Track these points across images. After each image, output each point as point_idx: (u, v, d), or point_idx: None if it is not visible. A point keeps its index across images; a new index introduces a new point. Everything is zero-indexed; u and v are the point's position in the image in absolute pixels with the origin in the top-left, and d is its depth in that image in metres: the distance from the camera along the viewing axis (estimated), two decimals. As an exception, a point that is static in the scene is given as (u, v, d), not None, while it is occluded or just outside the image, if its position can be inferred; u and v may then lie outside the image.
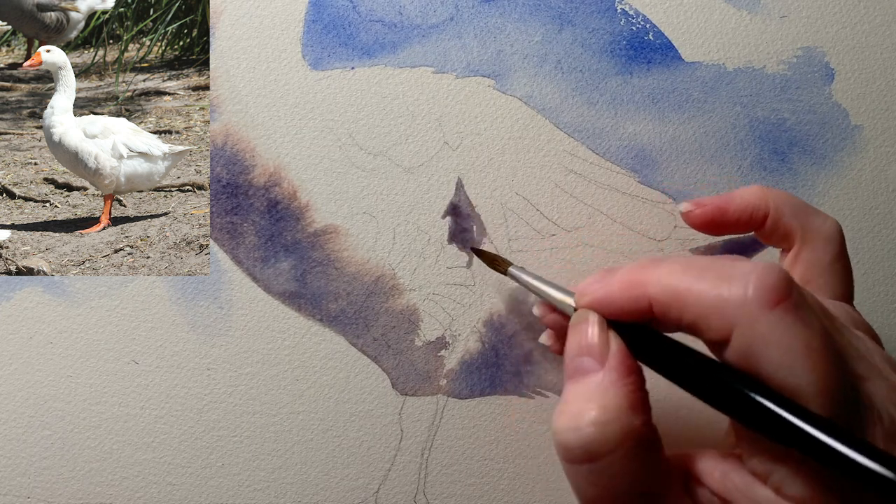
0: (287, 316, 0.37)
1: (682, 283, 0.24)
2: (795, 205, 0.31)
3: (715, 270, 0.24)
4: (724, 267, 0.24)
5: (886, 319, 0.38)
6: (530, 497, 0.37)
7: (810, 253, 0.31)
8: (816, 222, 0.31)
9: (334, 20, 0.38)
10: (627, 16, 0.39)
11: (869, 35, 0.39)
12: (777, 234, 0.31)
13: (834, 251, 0.30)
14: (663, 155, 0.38)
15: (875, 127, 0.39)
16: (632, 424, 0.24)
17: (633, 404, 0.24)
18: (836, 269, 0.30)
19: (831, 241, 0.30)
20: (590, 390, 0.25)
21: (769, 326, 0.22)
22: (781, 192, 0.31)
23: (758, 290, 0.22)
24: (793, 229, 0.31)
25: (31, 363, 0.37)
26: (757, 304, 0.22)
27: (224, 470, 0.37)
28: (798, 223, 0.31)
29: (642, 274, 0.25)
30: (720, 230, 0.32)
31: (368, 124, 0.38)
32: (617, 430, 0.24)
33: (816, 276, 0.30)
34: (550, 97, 0.38)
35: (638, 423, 0.24)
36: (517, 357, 0.37)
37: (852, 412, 0.22)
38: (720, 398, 0.23)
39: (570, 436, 0.24)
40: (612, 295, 0.26)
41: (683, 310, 0.24)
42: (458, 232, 0.38)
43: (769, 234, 0.32)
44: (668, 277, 0.24)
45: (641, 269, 0.25)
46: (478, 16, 0.38)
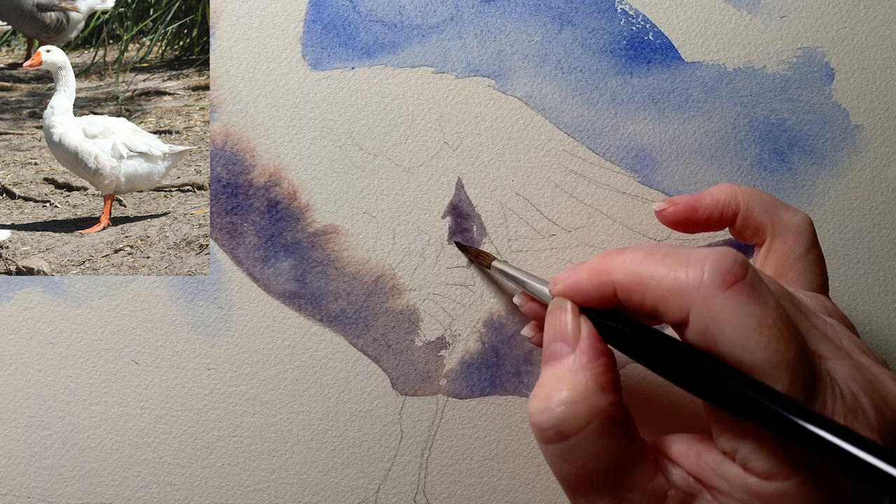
0: (287, 316, 0.37)
1: (642, 268, 0.25)
2: (765, 200, 0.32)
3: (673, 256, 0.25)
4: (682, 252, 0.25)
5: (886, 319, 0.38)
6: (530, 497, 0.37)
7: (782, 246, 0.31)
8: (786, 216, 0.32)
9: (334, 20, 0.38)
10: (627, 16, 0.39)
11: (869, 35, 0.39)
12: (748, 230, 0.32)
13: (805, 243, 0.31)
14: (663, 155, 0.38)
15: (875, 127, 0.39)
16: (600, 404, 0.25)
17: (602, 385, 0.26)
18: (809, 260, 0.31)
19: (801, 234, 0.31)
20: (561, 372, 0.26)
21: (724, 306, 0.23)
22: (750, 189, 0.32)
23: (713, 272, 0.24)
24: (763, 224, 0.32)
25: (31, 363, 0.37)
26: (712, 285, 0.23)
27: (224, 470, 0.37)
28: (768, 217, 0.32)
29: (607, 261, 0.26)
30: (693, 228, 0.34)
31: (368, 124, 0.38)
32: (585, 409, 0.25)
33: (789, 268, 0.31)
34: (550, 97, 0.38)
35: (606, 403, 0.25)
36: (517, 357, 0.37)
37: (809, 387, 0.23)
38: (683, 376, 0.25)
39: (542, 416, 0.25)
40: (580, 283, 0.27)
41: (644, 294, 0.25)
42: (458, 232, 0.38)
43: (741, 230, 0.33)
44: (630, 264, 0.26)
45: (606, 256, 0.27)
46: (478, 16, 0.38)
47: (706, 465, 0.25)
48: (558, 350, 0.27)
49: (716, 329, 0.23)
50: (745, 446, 0.24)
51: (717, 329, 0.23)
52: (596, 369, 0.26)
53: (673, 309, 0.24)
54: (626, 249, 0.26)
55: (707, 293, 0.23)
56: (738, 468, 0.24)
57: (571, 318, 0.27)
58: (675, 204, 0.33)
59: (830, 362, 0.24)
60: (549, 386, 0.26)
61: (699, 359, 0.24)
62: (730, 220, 0.32)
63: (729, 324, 0.23)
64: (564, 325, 0.27)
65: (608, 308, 0.27)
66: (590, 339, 0.27)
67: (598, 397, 0.25)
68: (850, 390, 0.24)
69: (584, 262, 0.28)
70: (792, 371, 0.23)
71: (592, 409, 0.25)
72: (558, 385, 0.26)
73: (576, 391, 0.25)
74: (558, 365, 0.27)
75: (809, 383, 0.23)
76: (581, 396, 0.25)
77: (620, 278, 0.26)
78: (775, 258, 0.32)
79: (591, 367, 0.26)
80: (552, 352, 0.27)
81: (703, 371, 0.24)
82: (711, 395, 0.24)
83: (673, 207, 0.33)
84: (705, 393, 0.24)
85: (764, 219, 0.32)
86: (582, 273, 0.27)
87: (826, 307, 0.29)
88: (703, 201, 0.32)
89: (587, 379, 0.26)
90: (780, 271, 0.32)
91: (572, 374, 0.26)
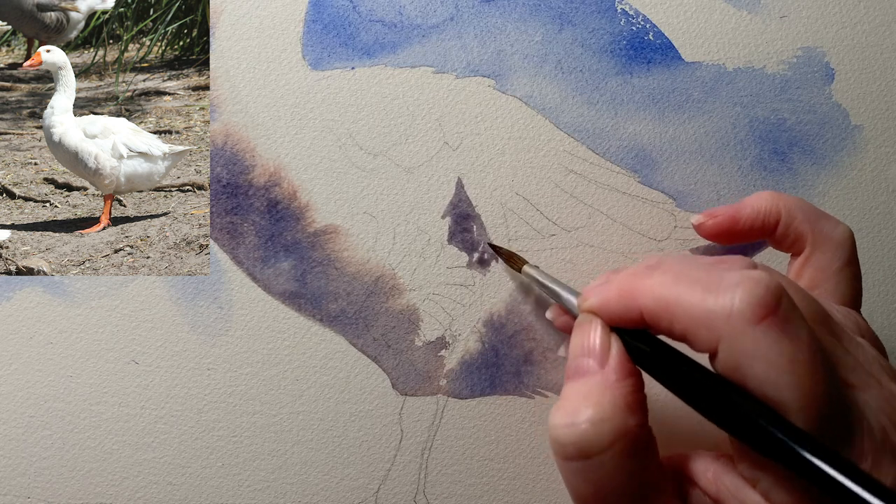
0: (287, 316, 0.37)
1: (671, 294, 0.24)
2: (807, 209, 0.31)
3: (703, 282, 0.24)
4: (713, 277, 0.24)
5: (887, 320, 0.38)
6: (530, 497, 0.37)
7: (820, 257, 0.30)
8: (828, 227, 0.31)
9: (334, 20, 0.38)
10: (627, 16, 0.39)
11: (869, 35, 0.39)
12: (788, 239, 0.31)
13: (845, 256, 0.30)
14: (663, 155, 0.38)
15: (875, 127, 0.39)
16: (626, 424, 0.24)
17: (630, 405, 0.25)
18: (846, 274, 0.30)
19: (842, 247, 0.30)
20: (588, 389, 0.25)
21: (754, 341, 0.22)
22: (792, 197, 0.31)
23: (744, 303, 0.23)
24: (804, 234, 0.31)
25: (31, 363, 0.37)
26: (742, 318, 0.23)
27: (224, 470, 0.37)
28: (810, 227, 0.31)
29: (635, 283, 0.26)
30: (733, 239, 0.32)
31: (368, 124, 0.38)
32: (611, 428, 0.24)
33: (825, 280, 0.30)
34: (550, 97, 0.38)
35: (633, 424, 0.24)
36: (517, 357, 0.37)
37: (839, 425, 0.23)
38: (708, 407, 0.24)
39: (566, 432, 0.25)
40: (609, 302, 0.26)
41: (673, 321, 0.24)
42: (458, 232, 0.38)
43: (780, 239, 0.31)
44: (658, 288, 0.25)
45: (635, 277, 0.26)
46: (478, 16, 0.38)
47: (724, 488, 0.25)
48: (585, 366, 0.26)
49: (745, 364, 0.23)
50: (767, 479, 0.23)
51: (746, 364, 0.23)
52: (624, 389, 0.25)
53: (702, 339, 0.24)
54: (654, 269, 0.25)
55: (737, 327, 0.23)
56: (759, 497, 0.24)
57: (601, 335, 0.26)
58: (714, 216, 0.32)
59: (861, 393, 0.24)
60: (574, 401, 0.25)
61: (726, 391, 0.23)
62: (770, 229, 0.31)
63: (759, 360, 0.22)
64: (593, 342, 0.26)
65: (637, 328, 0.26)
66: (619, 358, 0.26)
67: (624, 417, 0.24)
68: (880, 424, 0.23)
69: (615, 277, 0.27)
70: (822, 411, 0.22)
71: (618, 430, 0.24)
72: (584, 402, 0.25)
73: (602, 410, 0.24)
74: (584, 381, 0.26)
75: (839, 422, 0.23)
76: (608, 415, 0.24)
77: (648, 303, 0.25)
78: (812, 269, 0.31)
79: (620, 387, 0.25)
80: (578, 367, 0.26)
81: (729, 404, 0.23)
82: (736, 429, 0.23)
83: (713, 220, 0.32)
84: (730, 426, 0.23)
85: (805, 228, 0.31)
86: (611, 292, 0.26)
87: (858, 325, 0.28)
88: (744, 211, 0.31)
89: (615, 398, 0.25)
90: (815, 283, 0.31)
91: (600, 392, 0.25)
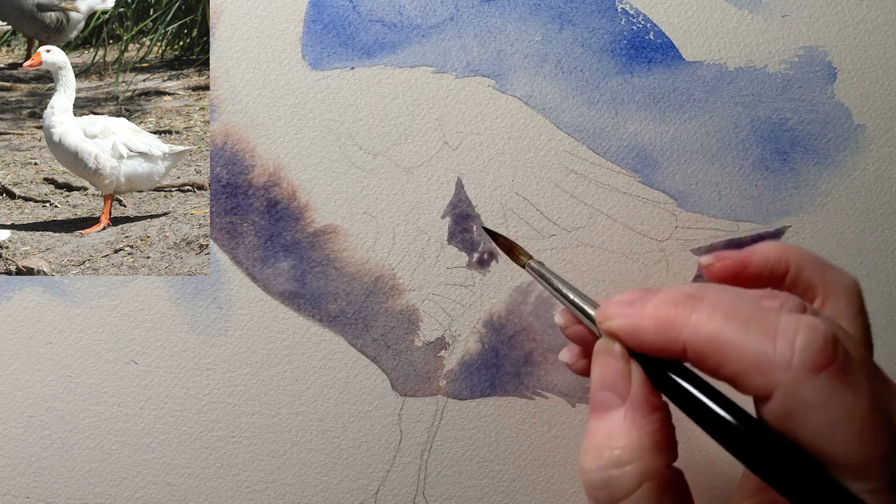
0: (287, 316, 0.37)
1: (722, 333, 0.23)
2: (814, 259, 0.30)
3: (758, 324, 0.23)
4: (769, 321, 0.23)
5: (888, 320, 0.38)
6: (530, 498, 0.37)
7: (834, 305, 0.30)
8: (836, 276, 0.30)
9: (334, 20, 0.38)
10: (628, 15, 0.38)
11: (871, 34, 0.39)
12: (798, 290, 0.30)
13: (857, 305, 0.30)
14: (664, 155, 0.38)
15: (878, 126, 0.39)
16: (654, 466, 0.23)
17: (657, 444, 0.24)
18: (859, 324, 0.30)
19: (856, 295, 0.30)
20: (611, 428, 0.24)
21: (813, 391, 0.21)
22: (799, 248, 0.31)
23: (803, 352, 0.22)
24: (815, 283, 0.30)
25: (31, 363, 0.37)
26: (802, 367, 0.22)
27: (224, 470, 0.37)
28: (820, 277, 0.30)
29: (679, 315, 0.24)
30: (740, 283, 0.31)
31: (368, 124, 0.38)
32: (638, 471, 0.23)
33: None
34: (550, 97, 0.38)
35: (661, 465, 0.24)
36: (517, 358, 0.37)
37: None
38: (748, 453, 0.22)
39: (595, 476, 0.24)
40: (642, 330, 0.25)
41: (722, 363, 0.23)
42: (457, 232, 0.38)
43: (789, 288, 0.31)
44: (707, 325, 0.23)
45: (678, 307, 0.24)
46: (478, 16, 0.38)
47: None
48: (607, 401, 0.25)
49: (800, 414, 0.22)
50: None
51: (802, 415, 0.22)
52: (650, 426, 0.24)
53: (754, 385, 0.22)
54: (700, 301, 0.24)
55: (796, 376, 0.21)
56: None
57: (621, 365, 0.25)
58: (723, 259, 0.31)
59: None
60: (599, 441, 0.24)
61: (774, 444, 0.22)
62: (779, 278, 0.30)
63: (816, 411, 0.21)
64: (614, 374, 0.25)
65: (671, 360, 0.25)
66: (641, 391, 0.24)
67: (652, 459, 0.23)
68: None
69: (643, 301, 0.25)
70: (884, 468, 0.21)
71: (645, 473, 0.23)
72: (609, 442, 0.24)
73: (628, 451, 0.23)
74: (608, 418, 0.25)
75: None
76: (634, 457, 0.23)
77: (694, 339, 0.23)
78: None
79: (644, 425, 0.24)
80: (601, 401, 0.25)
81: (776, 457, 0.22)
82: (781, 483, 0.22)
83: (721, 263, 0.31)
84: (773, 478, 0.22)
85: (816, 277, 0.30)
86: (645, 319, 0.24)
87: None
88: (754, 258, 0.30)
89: (640, 438, 0.24)
90: None
91: (624, 432, 0.24)
